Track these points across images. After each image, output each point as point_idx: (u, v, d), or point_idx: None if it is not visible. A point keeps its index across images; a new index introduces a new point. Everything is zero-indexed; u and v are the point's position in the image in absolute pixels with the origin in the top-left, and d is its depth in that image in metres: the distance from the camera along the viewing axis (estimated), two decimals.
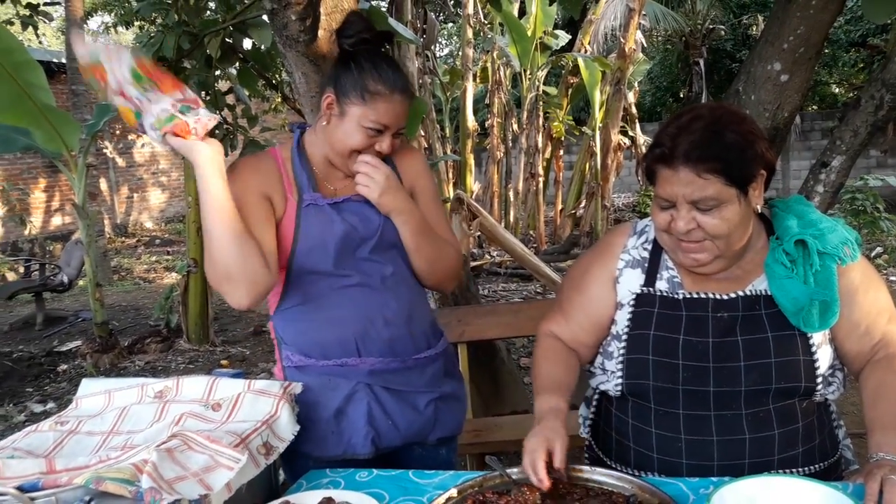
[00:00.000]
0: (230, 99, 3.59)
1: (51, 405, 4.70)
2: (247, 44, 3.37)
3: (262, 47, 3.39)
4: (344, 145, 1.52)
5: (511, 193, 10.20)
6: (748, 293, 1.39)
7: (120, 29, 12.52)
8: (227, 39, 3.19)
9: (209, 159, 1.39)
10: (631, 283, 1.46)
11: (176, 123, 1.36)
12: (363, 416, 1.55)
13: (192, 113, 1.37)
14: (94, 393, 1.52)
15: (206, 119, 1.39)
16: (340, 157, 1.54)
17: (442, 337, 1.71)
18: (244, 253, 1.41)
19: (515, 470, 1.31)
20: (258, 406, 1.40)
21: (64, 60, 8.77)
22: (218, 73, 3.46)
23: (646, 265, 1.46)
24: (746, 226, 1.36)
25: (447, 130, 10.31)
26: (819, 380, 1.35)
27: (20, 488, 1.08)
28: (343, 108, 1.50)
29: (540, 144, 9.84)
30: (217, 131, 3.15)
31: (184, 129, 1.37)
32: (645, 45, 10.21)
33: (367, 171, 1.52)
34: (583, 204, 9.66)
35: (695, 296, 1.40)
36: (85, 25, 9.44)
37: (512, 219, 10.20)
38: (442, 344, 1.69)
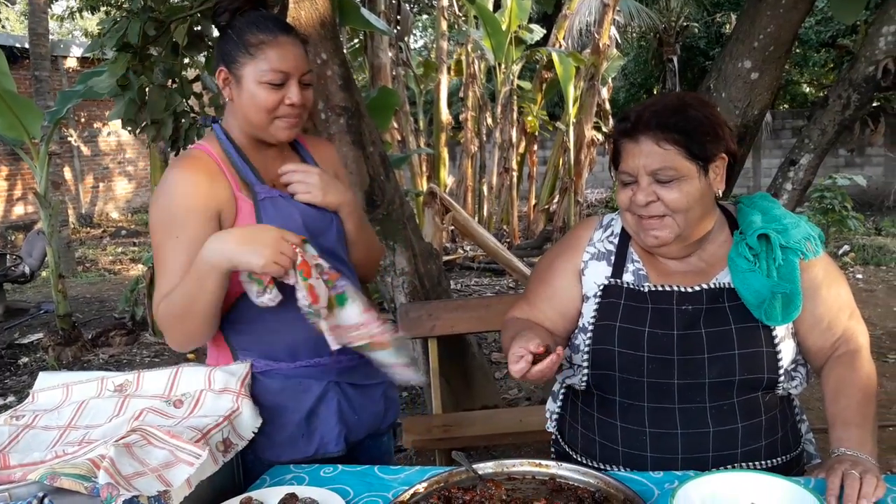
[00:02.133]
0: (197, 87, 3.51)
1: (11, 399, 4.59)
2: (215, 31, 3.31)
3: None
4: (254, 110, 1.42)
5: (485, 188, 10.19)
6: (712, 286, 1.40)
7: (85, 14, 12.24)
8: (194, 27, 3.12)
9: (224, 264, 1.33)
10: (597, 275, 1.47)
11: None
12: (334, 414, 1.52)
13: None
14: (51, 386, 1.48)
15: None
16: (260, 128, 1.45)
17: None
18: (213, 327, 1.42)
19: (482, 465, 1.30)
20: (220, 402, 1.38)
21: (27, 45, 8.55)
22: (186, 60, 3.39)
23: (612, 258, 1.47)
24: (707, 207, 1.38)
25: (421, 123, 10.24)
26: (781, 372, 1.36)
27: None
28: (237, 75, 1.43)
29: (514, 139, 9.84)
30: (183, 121, 3.08)
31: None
32: (619, 41, 10.27)
33: (299, 178, 1.48)
34: (556, 199, 9.70)
35: (660, 288, 1.41)
36: (49, 10, 9.20)
37: (485, 213, 10.20)
38: None
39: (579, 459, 1.46)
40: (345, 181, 1.67)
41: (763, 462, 1.38)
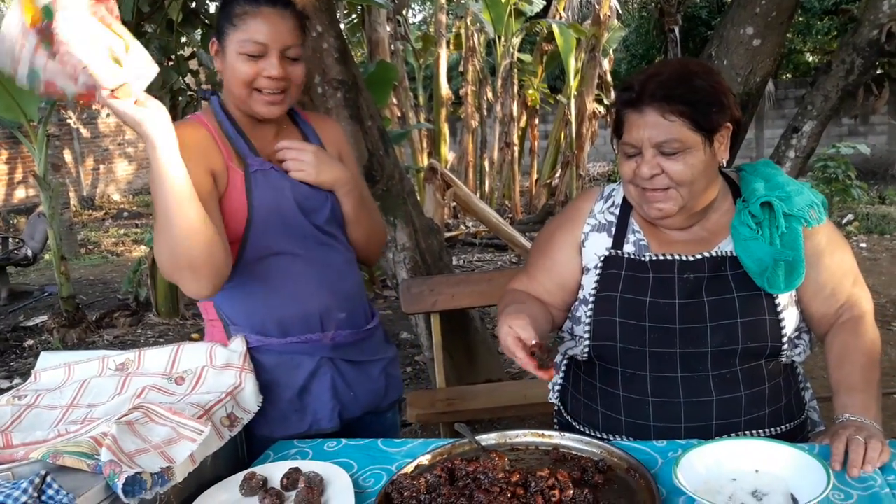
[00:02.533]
0: (193, 64, 3.48)
1: (17, 381, 4.62)
2: (211, 7, 3.27)
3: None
4: (234, 83, 1.41)
5: (486, 163, 10.14)
6: (714, 254, 1.38)
7: None
8: (189, 3, 3.09)
9: (164, 134, 1.23)
10: (597, 246, 1.46)
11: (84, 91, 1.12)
12: (328, 390, 1.52)
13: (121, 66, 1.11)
14: (53, 366, 1.48)
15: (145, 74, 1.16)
16: (241, 101, 1.43)
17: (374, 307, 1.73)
18: (210, 242, 1.30)
19: (484, 436, 1.30)
20: (222, 379, 1.38)
21: None
22: (183, 38, 3.35)
23: (612, 229, 1.46)
24: (710, 177, 1.36)
25: (420, 98, 10.16)
26: (785, 340, 1.35)
27: None
28: (223, 46, 1.42)
29: (515, 113, 9.77)
30: (180, 98, 3.06)
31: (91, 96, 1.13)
32: (620, 11, 10.14)
33: (294, 155, 1.46)
34: (558, 173, 9.65)
35: (661, 258, 1.40)
36: None
37: (487, 188, 10.16)
38: (377, 313, 1.70)
39: (582, 430, 1.46)
40: (350, 159, 1.65)
41: (767, 430, 1.38)
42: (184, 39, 3.43)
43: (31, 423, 1.31)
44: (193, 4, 3.08)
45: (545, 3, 9.88)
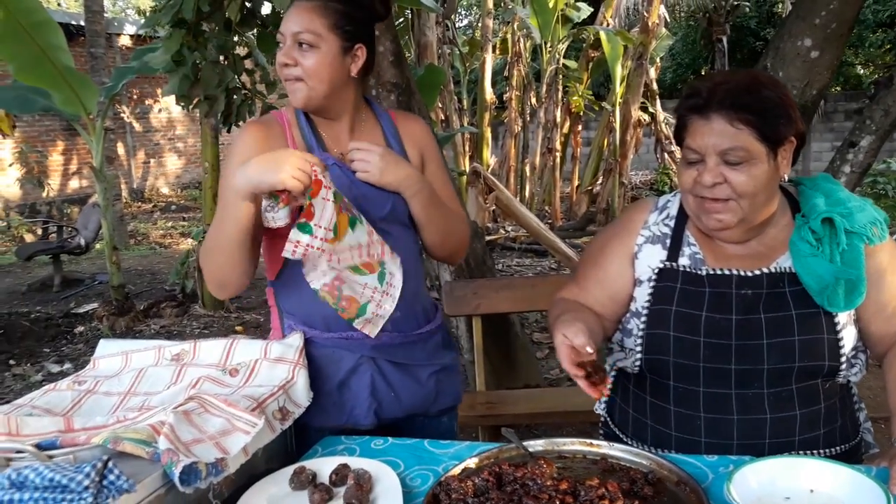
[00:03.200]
0: (248, 64, 3.56)
1: (67, 366, 4.76)
2: (266, 8, 3.34)
3: (282, 12, 3.35)
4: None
5: (527, 168, 10.12)
6: (773, 270, 1.36)
7: None
8: (246, 3, 3.16)
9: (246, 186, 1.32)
10: (651, 258, 1.44)
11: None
12: (366, 387, 1.53)
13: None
14: (111, 354, 1.52)
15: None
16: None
17: (438, 310, 1.70)
18: (245, 273, 1.43)
19: (532, 442, 1.30)
20: (275, 372, 1.40)
21: (83, 23, 8.73)
22: (237, 37, 3.43)
23: (668, 241, 1.44)
24: (772, 191, 1.34)
25: (465, 102, 10.19)
26: (843, 359, 1.33)
27: (38, 446, 1.09)
28: None
29: (558, 119, 9.72)
30: (235, 97, 3.13)
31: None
32: (668, 20, 10.02)
33: (361, 156, 1.48)
34: (600, 180, 9.58)
35: (718, 272, 1.38)
36: None
37: (528, 194, 10.13)
38: (440, 317, 1.68)
39: (630, 443, 1.45)
40: (434, 161, 1.64)
41: (821, 451, 1.35)
42: (236, 38, 3.52)
43: (91, 408, 1.35)
44: (250, 4, 3.14)
45: (592, 9, 9.82)
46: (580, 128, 10.78)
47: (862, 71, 13.51)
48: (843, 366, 1.33)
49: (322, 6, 1.44)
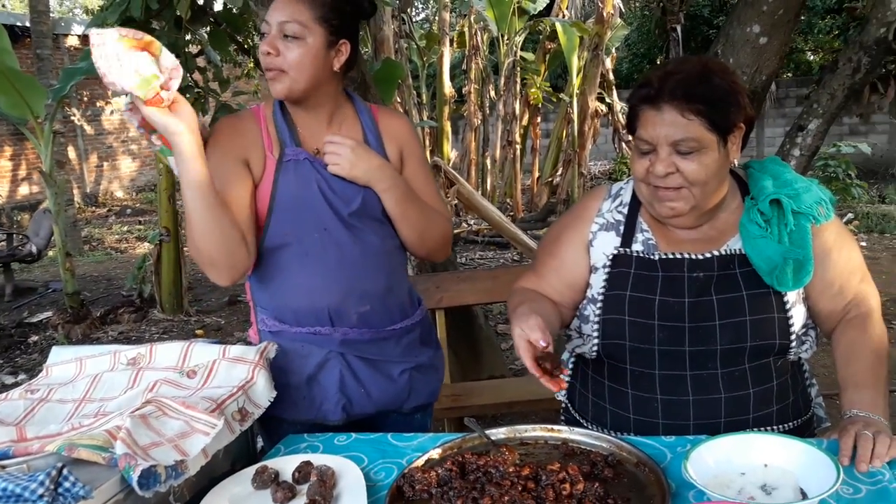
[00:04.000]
0: (201, 62, 3.50)
1: (22, 376, 4.63)
2: (218, 5, 3.29)
3: (234, 9, 3.30)
4: None
5: (488, 161, 10.15)
6: (723, 253, 1.39)
7: None
8: (197, 0, 3.11)
9: (189, 139, 1.31)
10: (605, 245, 1.46)
11: (151, 98, 1.27)
12: (335, 383, 1.54)
13: (163, 75, 1.28)
14: (64, 361, 1.49)
15: (174, 85, 1.29)
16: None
17: (419, 307, 1.68)
18: (227, 240, 1.40)
19: (494, 430, 1.31)
20: (234, 373, 1.38)
21: (28, 24, 8.49)
22: (188, 35, 3.37)
23: (621, 228, 1.46)
24: (723, 178, 1.37)
25: (424, 97, 10.19)
26: (793, 337, 1.36)
27: None
28: None
29: (517, 111, 9.78)
30: (188, 95, 3.07)
31: (158, 102, 1.28)
32: (623, 10, 10.14)
33: (332, 148, 1.48)
34: (559, 172, 9.65)
35: (670, 256, 1.40)
36: None
37: (489, 186, 10.17)
38: (419, 314, 1.66)
39: (590, 427, 1.47)
40: (413, 157, 1.62)
41: (774, 427, 1.39)
42: (188, 37, 3.46)
43: (45, 416, 1.32)
44: (202, 1, 3.09)
45: (548, 1, 9.88)
46: (539, 119, 10.86)
47: (812, 57, 13.83)
48: (794, 343, 1.37)
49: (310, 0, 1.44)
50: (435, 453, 1.25)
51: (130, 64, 1.26)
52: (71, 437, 1.12)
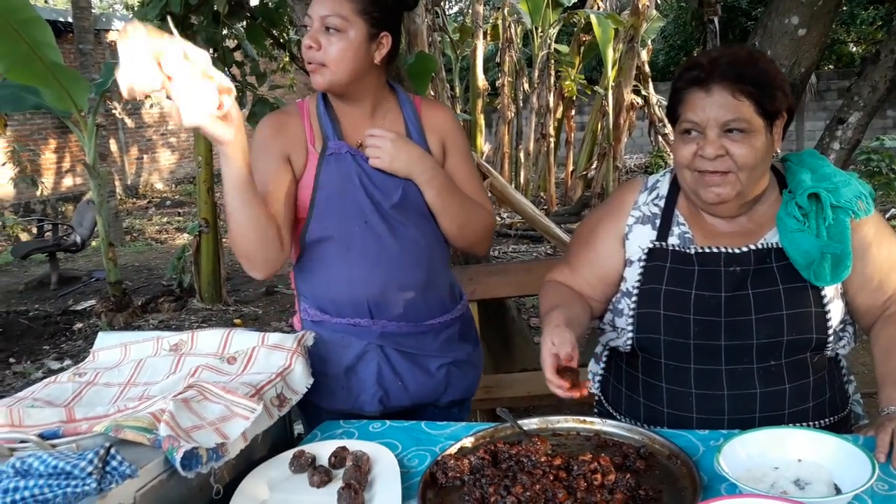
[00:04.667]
0: (238, 56, 3.56)
1: (67, 362, 4.78)
2: (253, 0, 3.34)
3: (271, 3, 3.35)
4: None
5: (522, 154, 10.12)
6: (760, 246, 1.38)
7: None
8: None
9: (236, 146, 1.31)
10: (641, 238, 1.46)
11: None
12: (373, 375, 1.56)
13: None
14: (110, 346, 1.54)
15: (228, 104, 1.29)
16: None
17: (461, 301, 1.68)
18: (263, 238, 1.43)
19: (526, 421, 1.32)
20: (272, 359, 1.42)
21: (70, 20, 8.69)
22: (225, 30, 3.42)
23: (657, 221, 1.46)
24: (767, 165, 1.37)
25: (457, 90, 10.20)
26: (830, 332, 1.35)
27: (41, 435, 1.10)
28: None
29: (551, 104, 9.72)
30: None
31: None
32: (658, 2, 10.00)
33: (373, 142, 1.49)
34: (594, 165, 9.57)
35: (707, 250, 1.39)
36: None
37: (522, 180, 10.14)
38: (459, 308, 1.67)
39: (623, 421, 1.47)
40: (456, 149, 1.62)
41: (811, 423, 1.38)
42: (225, 31, 3.52)
43: (92, 399, 1.37)
44: None
45: None
46: (573, 112, 10.78)
47: (854, 48, 13.50)
48: (831, 339, 1.35)
49: None
50: (468, 441, 1.27)
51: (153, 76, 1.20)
52: (117, 419, 1.17)
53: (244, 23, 3.44)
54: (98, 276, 6.97)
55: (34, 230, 8.46)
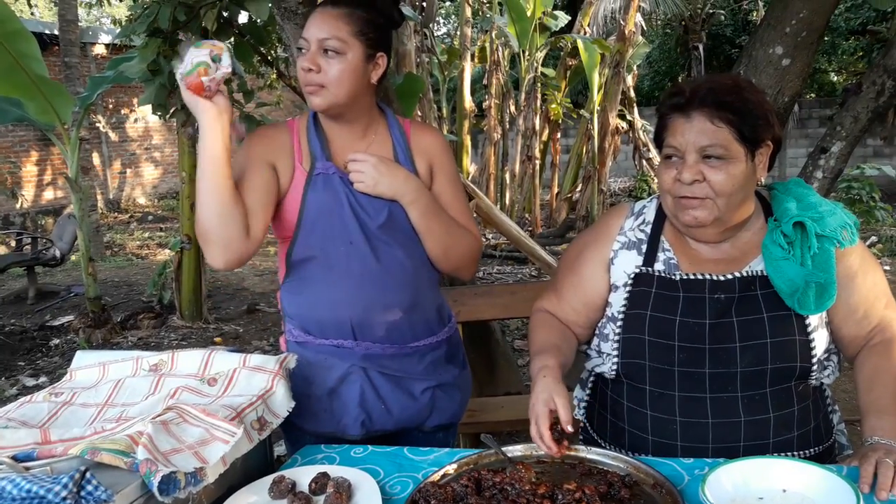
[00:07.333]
0: None
1: (43, 379, 4.69)
2: (243, 17, 3.34)
3: (259, 21, 3.35)
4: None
5: (507, 176, 10.16)
6: (745, 274, 1.38)
7: (113, 1, 12.35)
8: (223, 12, 3.16)
9: (213, 118, 1.38)
10: (627, 264, 1.46)
11: (192, 80, 1.38)
12: (355, 398, 1.54)
13: (212, 69, 1.38)
14: (88, 365, 1.51)
15: (219, 76, 1.39)
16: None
17: (448, 323, 1.67)
18: (224, 217, 1.41)
19: (511, 448, 1.31)
20: (253, 381, 1.40)
21: (56, 32, 8.65)
22: None
23: (643, 247, 1.46)
24: (748, 193, 1.37)
25: (444, 111, 10.23)
26: (814, 361, 1.35)
27: (15, 458, 1.08)
28: None
29: (537, 127, 9.79)
30: None
31: (198, 87, 1.37)
32: (644, 28, 10.14)
33: (355, 166, 1.49)
34: (579, 188, 9.64)
35: (692, 277, 1.40)
36: None
37: (508, 201, 10.17)
38: (446, 331, 1.65)
39: (608, 448, 1.46)
40: (443, 172, 1.61)
41: (795, 453, 1.37)
42: None
43: (68, 419, 1.34)
44: (227, 14, 3.14)
45: (570, 18, 9.92)
46: (559, 135, 10.85)
47: (836, 78, 13.76)
48: (815, 367, 1.36)
49: (348, 13, 1.46)
50: (451, 468, 1.25)
51: (191, 57, 1.39)
52: (94, 441, 1.14)
53: (232, 40, 3.44)
54: (77, 291, 6.87)
55: (13, 243, 8.34)
